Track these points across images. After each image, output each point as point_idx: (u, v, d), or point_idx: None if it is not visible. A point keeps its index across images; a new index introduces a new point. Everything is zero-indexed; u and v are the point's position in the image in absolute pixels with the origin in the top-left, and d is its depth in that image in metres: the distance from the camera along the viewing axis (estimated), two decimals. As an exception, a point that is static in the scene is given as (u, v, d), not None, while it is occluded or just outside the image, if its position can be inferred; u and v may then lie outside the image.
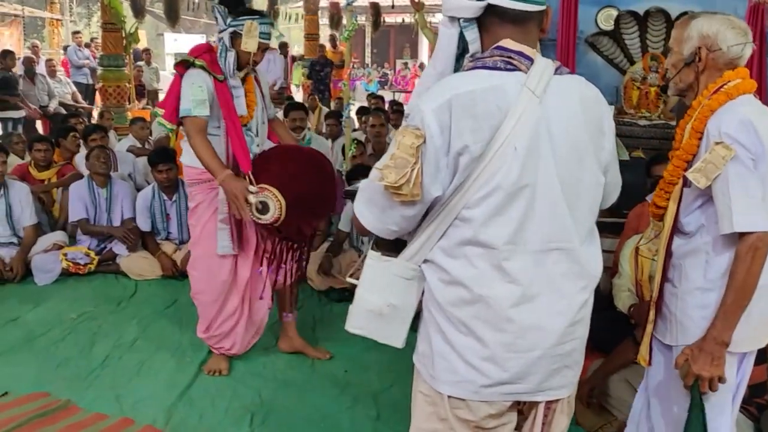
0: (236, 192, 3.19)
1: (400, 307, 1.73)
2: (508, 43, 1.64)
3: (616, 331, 3.54)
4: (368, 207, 1.70)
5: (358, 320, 1.77)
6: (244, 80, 3.52)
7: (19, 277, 5.01)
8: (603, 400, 3.31)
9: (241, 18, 3.36)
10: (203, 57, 3.40)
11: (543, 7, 1.67)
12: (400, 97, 14.95)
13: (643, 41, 6.52)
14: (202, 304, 3.70)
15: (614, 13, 6.55)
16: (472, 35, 1.68)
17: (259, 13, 3.47)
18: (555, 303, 1.66)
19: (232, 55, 3.39)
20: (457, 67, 1.75)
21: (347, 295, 4.77)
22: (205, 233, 3.57)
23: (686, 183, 2.12)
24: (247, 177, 3.28)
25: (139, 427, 3.17)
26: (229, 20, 3.39)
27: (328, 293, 4.91)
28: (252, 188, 3.21)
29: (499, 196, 1.57)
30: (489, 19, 1.66)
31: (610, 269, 4.18)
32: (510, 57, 1.61)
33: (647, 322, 2.33)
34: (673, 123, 6.24)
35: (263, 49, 3.45)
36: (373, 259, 1.76)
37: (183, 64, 3.44)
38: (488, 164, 1.56)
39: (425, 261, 1.70)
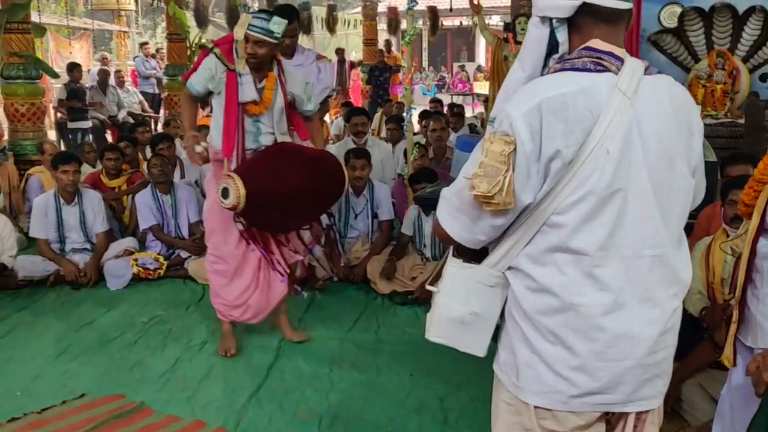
0: (188, 150, 3.75)
1: (483, 315, 1.69)
2: (597, 43, 1.60)
3: (687, 335, 3.44)
4: (456, 217, 1.65)
5: (439, 329, 1.73)
6: (266, 76, 3.82)
7: (93, 282, 5.18)
8: (676, 405, 3.23)
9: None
10: (222, 46, 3.77)
11: (631, 5, 1.63)
12: (458, 100, 14.90)
13: (709, 38, 6.36)
14: (214, 272, 4.03)
15: (678, 9, 6.42)
16: (563, 36, 1.65)
17: (264, 12, 3.82)
18: (648, 311, 1.60)
19: (236, 49, 3.77)
20: (543, 66, 1.71)
21: (411, 298, 4.80)
22: (209, 205, 3.99)
23: None
24: (225, 162, 3.69)
25: (210, 429, 3.23)
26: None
27: (392, 296, 4.93)
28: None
29: (591, 201, 1.53)
30: (582, 19, 1.62)
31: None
32: (600, 57, 1.58)
33: (731, 321, 2.26)
34: (741, 121, 6.06)
35: (255, 41, 3.66)
36: (455, 266, 1.71)
37: (204, 49, 3.92)
38: (580, 168, 1.52)
39: (509, 268, 1.65)
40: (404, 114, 6.06)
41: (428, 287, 1.79)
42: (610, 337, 1.58)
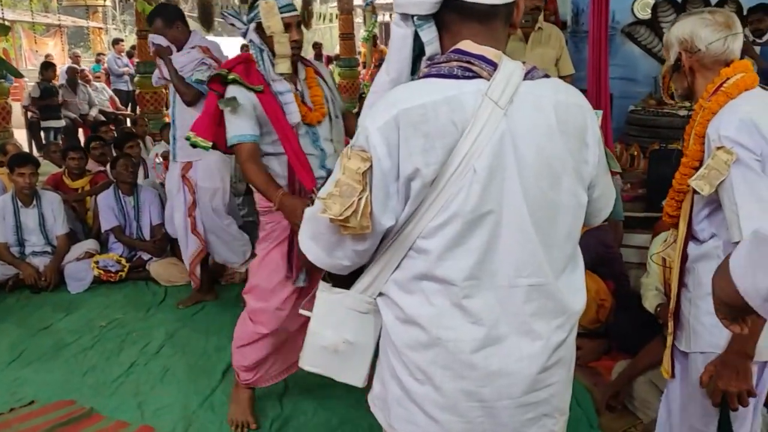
0: (293, 211, 2.70)
1: (358, 344, 1.56)
2: (467, 45, 1.41)
3: (642, 331, 3.43)
4: (316, 241, 1.49)
5: (313, 357, 1.61)
6: (306, 77, 3.03)
7: (53, 286, 5.10)
8: (627, 401, 3.21)
9: (255, 5, 2.87)
10: (237, 69, 2.91)
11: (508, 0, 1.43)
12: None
13: (682, 29, 6.35)
14: (243, 326, 3.23)
15: (651, 1, 6.42)
16: (429, 35, 1.46)
17: None
18: (526, 345, 1.44)
19: (266, 55, 2.89)
20: (415, 70, 1.54)
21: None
22: (264, 263, 3.13)
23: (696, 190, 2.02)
24: (312, 194, 2.76)
25: (158, 434, 3.18)
26: (245, 16, 2.94)
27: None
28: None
29: (457, 224, 1.37)
30: (448, 16, 1.43)
31: (643, 266, 4.06)
32: (469, 62, 1.39)
33: (668, 333, 2.24)
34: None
35: (297, 23, 2.90)
36: (324, 290, 1.59)
37: (218, 80, 2.91)
38: (443, 189, 1.36)
39: (380, 294, 1.51)
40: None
41: (301, 311, 1.67)
42: (483, 375, 1.43)
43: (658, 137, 5.77)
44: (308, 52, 13.63)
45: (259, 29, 2.87)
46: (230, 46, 10.65)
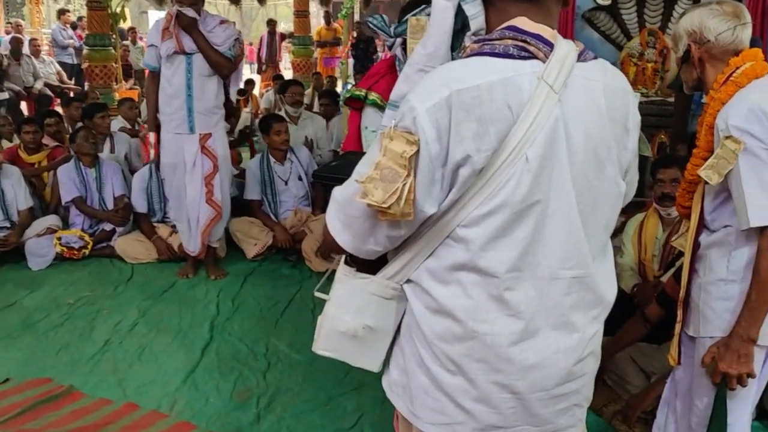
0: None
1: (378, 329, 1.49)
2: (523, 22, 1.31)
3: (619, 311, 3.53)
4: (346, 225, 1.39)
5: (328, 342, 1.53)
6: None
7: (17, 242, 4.95)
8: (607, 377, 3.31)
9: (403, 20, 2.69)
10: (379, 85, 2.84)
11: None
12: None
13: (641, 16, 6.49)
14: None
15: (612, -14, 6.50)
16: (473, 9, 1.39)
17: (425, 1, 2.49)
18: (563, 338, 1.39)
19: None
20: (456, 45, 1.47)
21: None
22: None
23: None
24: None
25: (144, 412, 3.14)
26: (392, 27, 2.85)
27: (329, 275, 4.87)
28: None
29: (504, 214, 1.28)
30: None
31: (616, 248, 4.18)
32: (525, 41, 1.29)
33: (676, 321, 2.27)
34: (671, 99, 6.23)
35: None
36: (347, 275, 1.50)
37: (354, 101, 2.88)
38: (492, 177, 1.26)
39: (409, 281, 1.43)
40: (339, 89, 5.99)
41: (317, 294, 1.59)
42: (519, 368, 1.38)
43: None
44: (261, 30, 13.41)
45: (405, 45, 2.71)
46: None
